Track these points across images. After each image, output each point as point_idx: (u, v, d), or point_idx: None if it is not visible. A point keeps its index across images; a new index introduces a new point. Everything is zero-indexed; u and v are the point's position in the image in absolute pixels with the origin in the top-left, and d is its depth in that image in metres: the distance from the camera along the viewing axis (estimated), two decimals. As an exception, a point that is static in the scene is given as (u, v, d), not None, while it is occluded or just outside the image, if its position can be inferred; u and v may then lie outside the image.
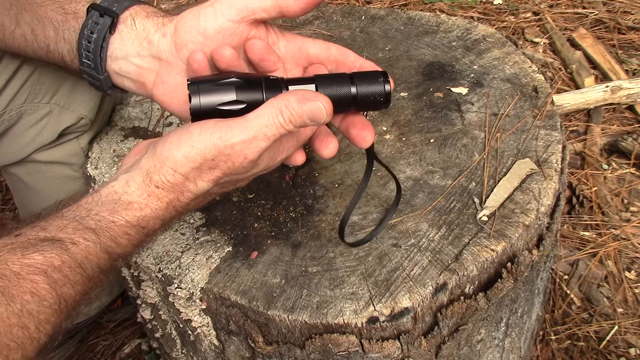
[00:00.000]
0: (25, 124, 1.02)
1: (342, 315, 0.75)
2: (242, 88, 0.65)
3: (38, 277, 0.57)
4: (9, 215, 1.79)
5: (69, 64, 0.81)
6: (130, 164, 0.71)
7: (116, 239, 0.65)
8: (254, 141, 0.63)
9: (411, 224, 0.85)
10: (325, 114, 0.63)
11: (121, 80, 0.77)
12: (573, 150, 1.82)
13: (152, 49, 0.72)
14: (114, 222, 0.65)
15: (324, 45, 0.74)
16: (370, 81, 0.68)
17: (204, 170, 0.65)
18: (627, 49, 2.15)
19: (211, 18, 0.67)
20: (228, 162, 0.64)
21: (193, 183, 0.66)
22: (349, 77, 0.69)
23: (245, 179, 0.70)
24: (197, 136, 0.64)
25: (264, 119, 0.63)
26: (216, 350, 0.91)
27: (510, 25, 2.27)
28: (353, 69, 0.72)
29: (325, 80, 0.68)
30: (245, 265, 0.82)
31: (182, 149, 0.64)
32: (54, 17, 0.79)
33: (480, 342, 0.91)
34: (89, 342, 1.50)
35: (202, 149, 0.63)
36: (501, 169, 0.91)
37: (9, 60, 0.95)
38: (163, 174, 0.65)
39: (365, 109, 0.71)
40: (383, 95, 0.69)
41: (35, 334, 0.56)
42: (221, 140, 0.63)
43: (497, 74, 1.08)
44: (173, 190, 0.66)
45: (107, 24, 0.74)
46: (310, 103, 0.63)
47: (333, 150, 0.71)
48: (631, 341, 1.37)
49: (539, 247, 0.88)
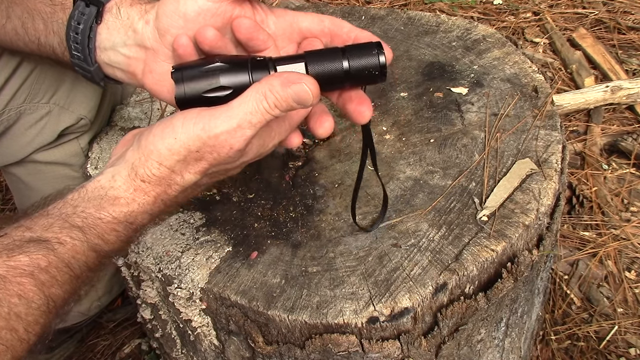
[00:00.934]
0: (24, 124, 1.02)
1: (342, 315, 0.75)
2: (227, 72, 0.62)
3: (25, 279, 0.56)
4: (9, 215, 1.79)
5: (60, 57, 0.80)
6: (117, 156, 0.70)
7: (103, 236, 0.64)
8: (238, 130, 0.61)
9: (411, 224, 0.85)
10: (311, 96, 0.61)
11: (112, 71, 0.76)
12: (573, 150, 1.82)
13: (137, 38, 0.71)
14: (100, 219, 0.63)
15: (317, 17, 0.70)
16: (363, 54, 0.64)
17: (189, 163, 0.63)
18: (627, 49, 2.15)
19: (190, 0, 0.66)
20: (213, 153, 0.62)
21: (180, 176, 0.64)
22: (341, 51, 0.65)
23: (235, 167, 0.68)
24: (180, 128, 0.62)
25: (248, 106, 0.60)
26: (216, 350, 0.91)
27: (510, 25, 2.27)
28: (348, 41, 0.68)
29: (316, 56, 0.65)
30: (245, 265, 0.82)
31: (165, 141, 0.62)
32: (42, 10, 0.78)
33: (480, 342, 0.91)
34: (89, 342, 1.50)
35: (186, 141, 0.61)
36: (501, 169, 0.91)
37: (8, 59, 0.94)
38: (148, 167, 0.64)
39: (360, 83, 0.67)
40: (378, 68, 0.64)
41: (24, 335, 0.55)
42: (204, 131, 0.61)
43: (497, 74, 1.08)
44: (160, 184, 0.65)
45: (92, 14, 0.72)
46: (294, 85, 0.60)
47: (328, 129, 0.68)
48: (631, 341, 1.37)
49: (539, 247, 0.88)
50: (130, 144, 0.69)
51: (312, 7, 1.32)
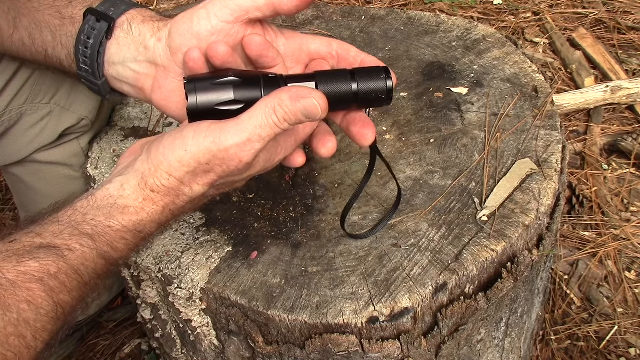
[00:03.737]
0: (25, 124, 1.02)
1: (342, 315, 0.75)
2: (240, 87, 0.63)
3: (34, 285, 0.57)
4: (9, 215, 1.79)
5: (67, 69, 0.81)
6: (125, 165, 0.70)
7: (113, 244, 0.64)
8: (248, 144, 0.62)
9: (411, 224, 0.85)
10: (320, 110, 0.62)
11: (120, 85, 0.76)
12: (573, 150, 1.82)
13: (148, 55, 0.72)
14: (110, 227, 0.64)
15: (325, 41, 0.72)
16: (371, 77, 0.67)
17: (198, 174, 0.64)
18: (627, 49, 2.15)
19: (204, 20, 0.66)
20: (223, 166, 0.63)
21: (188, 187, 0.65)
22: (350, 73, 0.67)
23: (241, 180, 0.70)
24: (190, 140, 0.63)
25: (258, 120, 0.61)
26: (216, 350, 0.91)
27: (510, 25, 2.27)
28: (354, 65, 0.71)
29: (326, 76, 0.67)
30: (245, 265, 0.82)
31: (176, 153, 0.63)
32: (51, 22, 0.79)
33: (480, 342, 0.91)
34: (89, 342, 1.50)
35: (196, 153, 0.62)
36: (501, 169, 0.91)
37: (9, 60, 0.95)
38: (158, 178, 0.65)
39: (366, 106, 0.70)
40: (385, 91, 0.67)
41: (32, 342, 0.56)
42: (215, 144, 0.62)
43: (497, 74, 1.08)
44: (168, 194, 0.66)
45: (103, 29, 0.73)
46: (303, 100, 0.61)
47: (331, 149, 0.70)
48: (631, 341, 1.37)
49: (539, 247, 0.88)
50: (138, 153, 0.70)
51: (312, 7, 1.33)
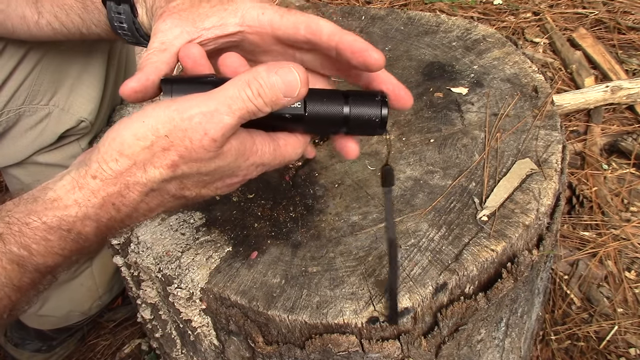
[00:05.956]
0: (24, 126, 1.02)
1: (342, 315, 0.75)
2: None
3: None
4: None
5: (111, 39, 0.81)
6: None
7: (29, 246, 0.53)
8: (216, 114, 0.53)
9: (411, 224, 0.85)
10: (299, 83, 0.55)
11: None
12: (573, 150, 1.82)
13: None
14: (27, 225, 0.53)
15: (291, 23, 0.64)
16: (365, 102, 0.62)
17: (156, 153, 0.54)
18: (627, 49, 2.15)
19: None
20: (185, 140, 0.54)
21: (142, 169, 0.54)
22: (343, 95, 0.62)
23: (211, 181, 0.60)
24: (150, 110, 0.54)
25: (229, 91, 0.54)
26: (216, 350, 0.91)
27: (510, 25, 2.27)
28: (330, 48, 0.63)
29: (316, 95, 0.61)
30: (245, 265, 0.82)
31: (132, 126, 0.54)
32: (72, 4, 0.79)
33: (480, 342, 0.91)
34: (89, 341, 1.50)
35: (155, 123, 0.53)
36: (501, 169, 0.91)
37: (5, 60, 0.94)
38: (105, 160, 0.54)
39: (357, 132, 0.64)
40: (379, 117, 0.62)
41: None
42: (177, 112, 0.53)
43: (497, 74, 1.08)
44: (115, 182, 0.54)
45: (128, 11, 0.72)
46: (281, 71, 0.55)
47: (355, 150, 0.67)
48: (631, 341, 1.37)
49: (539, 247, 0.88)
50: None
51: (312, 7, 1.33)
